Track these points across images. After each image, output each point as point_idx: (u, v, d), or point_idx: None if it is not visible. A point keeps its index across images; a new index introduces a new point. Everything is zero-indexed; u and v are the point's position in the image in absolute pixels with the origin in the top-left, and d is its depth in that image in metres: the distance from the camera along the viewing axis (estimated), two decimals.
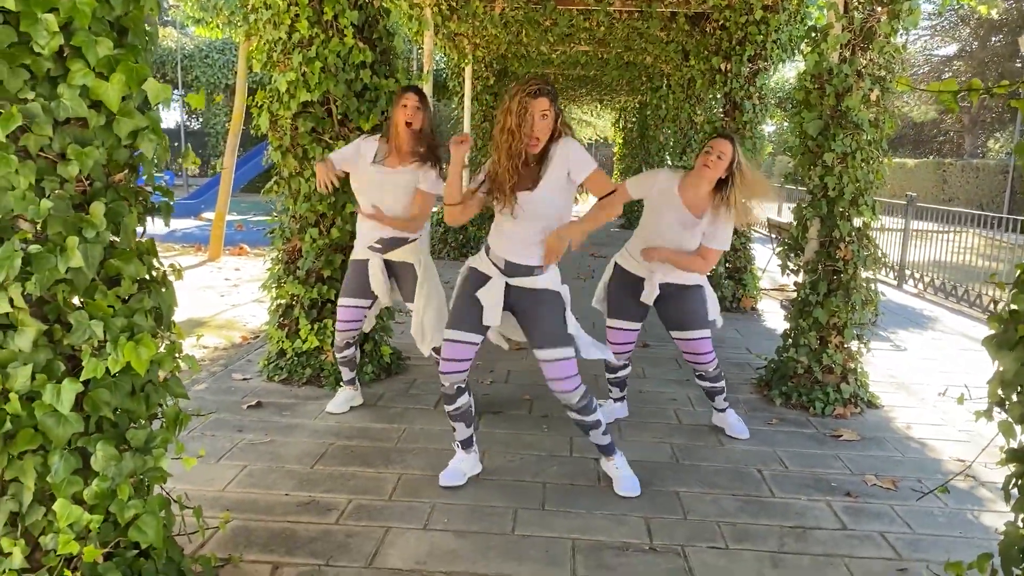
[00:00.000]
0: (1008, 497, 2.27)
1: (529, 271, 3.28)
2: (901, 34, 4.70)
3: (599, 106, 21.55)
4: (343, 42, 4.50)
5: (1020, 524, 2.21)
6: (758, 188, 3.79)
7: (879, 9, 4.56)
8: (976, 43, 30.07)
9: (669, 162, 12.91)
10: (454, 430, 3.52)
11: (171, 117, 28.31)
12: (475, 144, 12.25)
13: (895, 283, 10.19)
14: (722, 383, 4.20)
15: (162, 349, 2.28)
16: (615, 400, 4.44)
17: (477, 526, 3.11)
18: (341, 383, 4.48)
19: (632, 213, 10.61)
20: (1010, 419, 2.23)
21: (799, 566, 2.90)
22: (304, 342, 4.82)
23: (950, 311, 8.60)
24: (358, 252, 4.17)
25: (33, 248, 1.97)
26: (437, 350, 3.97)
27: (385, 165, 3.96)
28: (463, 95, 12.16)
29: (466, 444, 3.55)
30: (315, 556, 2.83)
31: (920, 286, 9.79)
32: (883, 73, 4.69)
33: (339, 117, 4.63)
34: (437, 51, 11.30)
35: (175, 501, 2.52)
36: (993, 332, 2.38)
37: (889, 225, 10.86)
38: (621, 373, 4.33)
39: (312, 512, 3.17)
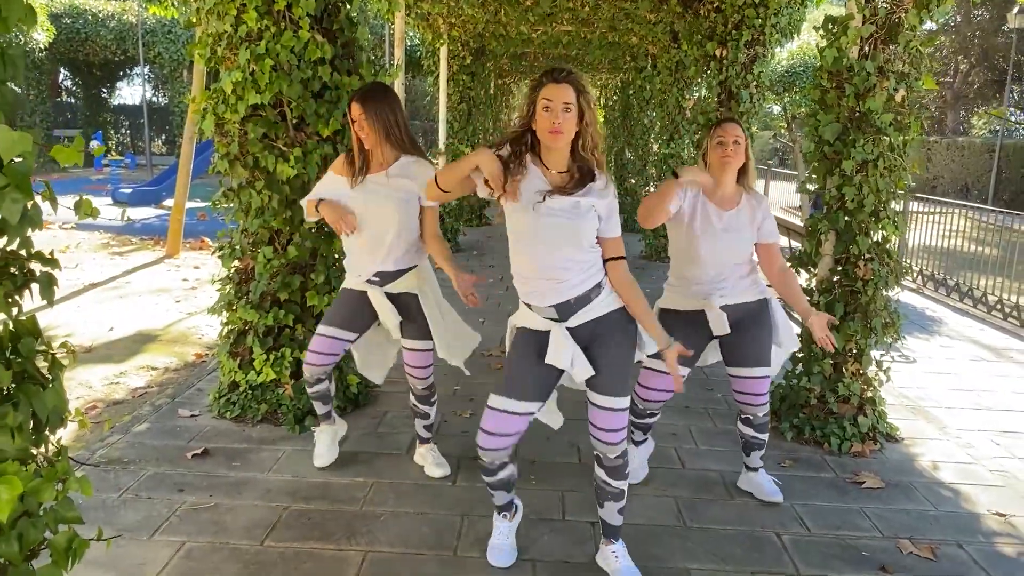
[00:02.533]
0: None
1: (585, 300, 2.72)
2: (930, 27, 4.18)
3: None
4: (298, 35, 3.91)
5: None
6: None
7: None
8: (960, 18, 29.66)
9: (654, 147, 12.39)
10: (492, 495, 2.98)
11: (135, 93, 27.34)
12: (451, 128, 11.67)
13: (906, 275, 9.80)
14: (766, 436, 3.60)
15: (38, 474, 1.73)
16: (635, 443, 3.77)
17: None
18: (314, 426, 3.89)
19: (657, 240, 9.86)
20: None
21: None
22: (259, 374, 4.27)
23: (954, 311, 8.20)
24: (352, 283, 3.55)
25: None
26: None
27: (369, 176, 3.36)
28: (438, 76, 11.52)
29: (507, 509, 3.04)
30: None
31: (920, 280, 9.38)
32: (908, 70, 4.17)
33: (294, 121, 4.05)
34: (410, 30, 10.67)
35: None
36: None
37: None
38: (649, 420, 3.73)
39: None
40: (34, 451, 1.78)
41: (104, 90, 26.65)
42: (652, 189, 11.99)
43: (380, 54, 20.94)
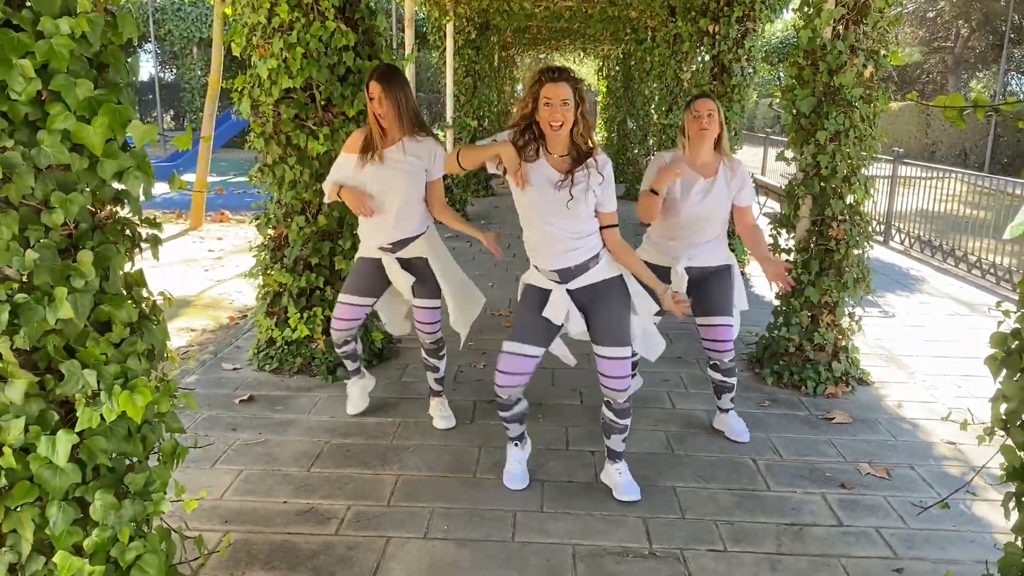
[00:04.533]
0: (1008, 514, 2.28)
1: (584, 268, 3.21)
2: (895, 8, 4.61)
3: (582, 54, 21.21)
4: (325, 25, 4.36)
5: (1020, 544, 2.23)
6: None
7: None
8: None
9: (654, 116, 12.77)
10: (507, 428, 3.50)
11: (144, 69, 27.64)
12: (457, 101, 12.06)
13: (881, 239, 10.20)
14: (734, 380, 4.06)
15: (157, 389, 2.23)
16: None
17: (476, 533, 3.12)
18: (346, 379, 4.34)
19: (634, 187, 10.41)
20: (1012, 443, 2.22)
21: (797, 569, 2.93)
22: (294, 331, 4.78)
23: (936, 270, 8.64)
24: (366, 251, 3.97)
25: (20, 299, 1.91)
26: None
27: (381, 154, 3.73)
28: (444, 49, 11.90)
29: (520, 440, 3.55)
30: (317, 573, 2.83)
31: (907, 242, 9.81)
32: (877, 47, 4.61)
33: (322, 103, 4.51)
34: (417, 4, 11.04)
35: (175, 531, 2.50)
36: (994, 350, 2.36)
37: (874, 172, 10.81)
38: (634, 357, 4.21)
39: (311, 522, 3.17)
40: (152, 372, 2.27)
41: None
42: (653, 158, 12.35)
43: (388, 29, 21.22)
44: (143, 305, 2.30)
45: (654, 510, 3.31)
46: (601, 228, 3.24)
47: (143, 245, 2.31)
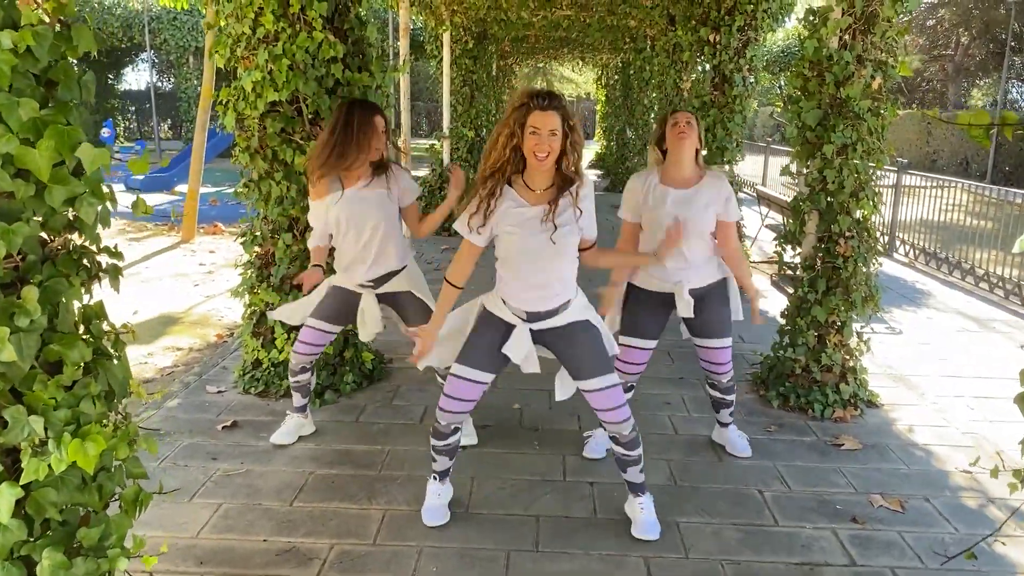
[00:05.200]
0: None
1: (553, 313, 3.05)
2: (902, 17, 4.44)
3: (581, 63, 21.08)
4: (312, 36, 4.19)
5: None
6: None
7: None
8: None
9: (654, 125, 12.61)
10: (434, 460, 3.32)
11: (141, 79, 27.54)
12: (455, 111, 11.90)
13: (885, 251, 10.02)
14: (733, 396, 3.96)
15: (115, 432, 2.05)
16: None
17: (467, 575, 2.93)
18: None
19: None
20: None
21: None
22: (280, 352, 4.59)
23: (942, 283, 8.46)
24: (344, 282, 3.83)
25: None
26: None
27: (350, 189, 3.63)
28: (441, 59, 11.75)
29: (444, 476, 3.37)
30: None
31: (912, 254, 9.63)
32: (885, 57, 4.44)
33: (310, 116, 4.34)
34: (412, 15, 10.89)
35: None
36: None
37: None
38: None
39: (292, 563, 2.98)
40: (109, 415, 2.09)
41: (111, 76, 26.86)
42: None
43: (383, 39, 21.10)
44: (102, 340, 2.12)
45: (656, 549, 3.12)
46: (581, 251, 3.09)
47: (102, 275, 2.13)
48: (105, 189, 2.03)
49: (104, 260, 2.14)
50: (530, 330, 3.05)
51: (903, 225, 10.06)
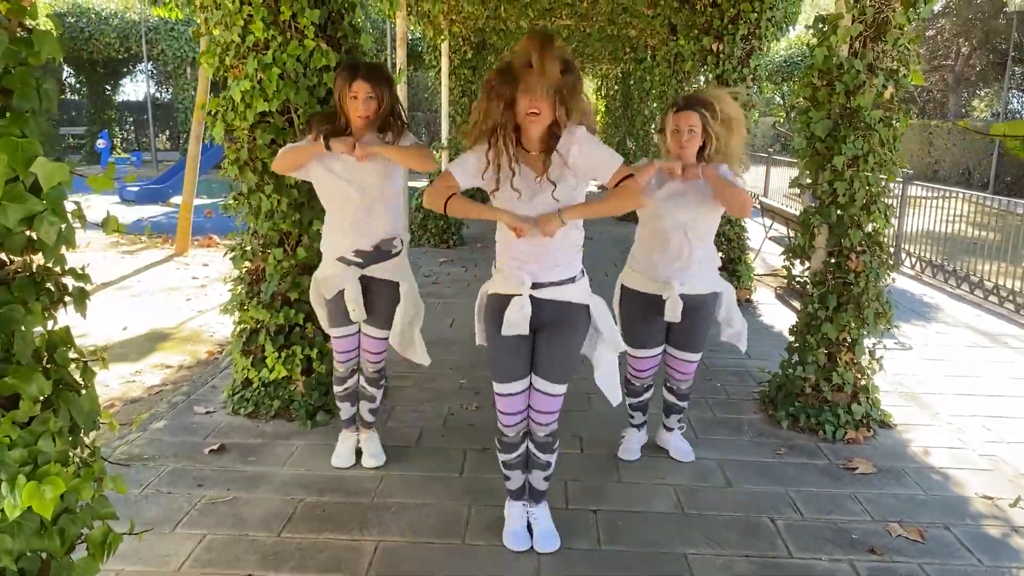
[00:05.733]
0: None
1: (558, 284, 2.90)
2: (914, 24, 4.29)
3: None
4: (303, 44, 4.03)
5: None
6: (734, 124, 3.54)
7: None
8: (961, 0, 29.55)
9: (655, 136, 12.46)
10: (507, 479, 3.19)
11: (139, 90, 27.47)
12: (453, 122, 11.76)
13: (896, 265, 9.87)
14: (686, 403, 4.01)
15: (79, 471, 1.88)
16: (637, 427, 4.08)
17: None
18: (343, 425, 3.95)
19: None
20: None
21: None
22: (271, 371, 4.42)
23: (951, 297, 8.30)
24: (328, 270, 3.61)
25: None
26: None
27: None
28: (440, 69, 11.61)
29: (520, 494, 3.23)
30: None
31: (919, 266, 9.47)
32: (896, 67, 4.29)
33: (301, 127, 4.18)
34: (410, 25, 10.76)
35: None
36: None
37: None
38: (645, 396, 4.01)
39: None
40: (72, 453, 1.92)
41: (108, 87, 26.71)
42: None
43: (381, 49, 21.01)
44: (68, 369, 1.96)
45: None
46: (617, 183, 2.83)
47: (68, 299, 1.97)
48: (71, 206, 1.88)
49: (70, 283, 1.98)
50: (531, 298, 2.88)
51: (908, 237, 9.91)
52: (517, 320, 2.86)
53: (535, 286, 2.88)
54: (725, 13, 6.90)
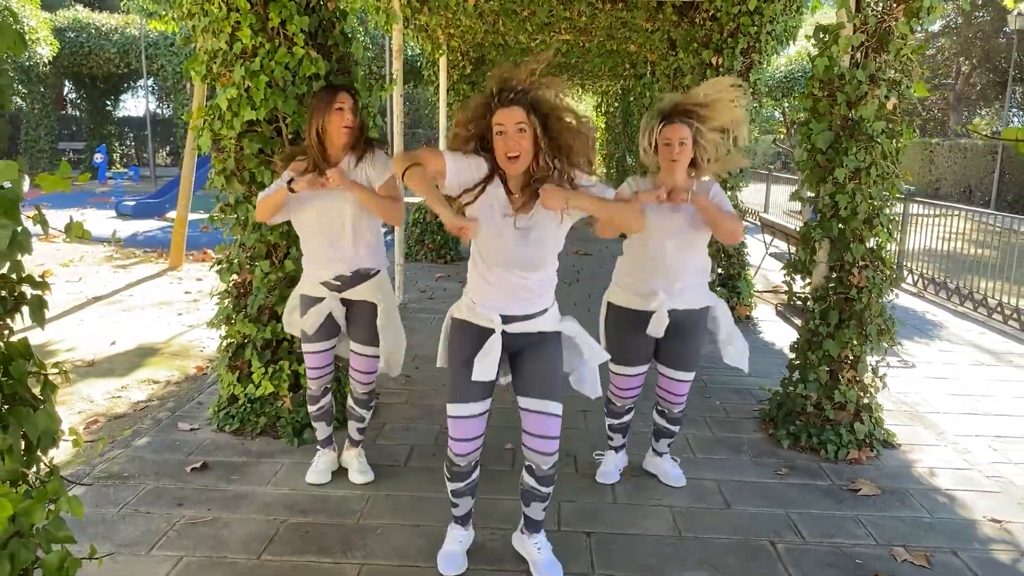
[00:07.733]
0: None
1: (529, 317, 2.81)
2: (919, 32, 4.20)
3: (580, 91, 20.94)
4: (292, 52, 3.94)
5: None
6: (731, 128, 3.42)
7: (895, 6, 4.06)
8: (961, 19, 29.62)
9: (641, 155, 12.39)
10: (455, 505, 3.05)
11: (139, 105, 27.49)
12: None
13: (899, 281, 9.76)
14: (678, 428, 3.83)
15: (31, 492, 1.76)
16: (615, 449, 3.95)
17: None
18: (315, 442, 3.92)
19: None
20: None
21: None
22: (257, 387, 4.30)
23: (954, 314, 8.18)
24: (310, 289, 3.55)
25: None
26: None
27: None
28: (439, 84, 11.54)
29: (466, 520, 3.11)
30: None
31: (920, 283, 9.36)
32: (900, 77, 4.19)
33: (289, 136, 4.08)
34: (409, 39, 10.71)
35: None
36: None
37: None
38: (625, 418, 3.86)
39: None
40: (27, 472, 1.80)
41: (108, 103, 26.75)
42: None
43: (381, 64, 21.01)
44: (24, 383, 1.84)
45: None
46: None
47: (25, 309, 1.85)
48: (30, 211, 1.77)
49: (28, 291, 1.87)
50: (503, 332, 2.79)
51: (910, 254, 9.81)
52: (484, 369, 2.76)
53: (506, 320, 2.79)
54: (724, 27, 6.82)
